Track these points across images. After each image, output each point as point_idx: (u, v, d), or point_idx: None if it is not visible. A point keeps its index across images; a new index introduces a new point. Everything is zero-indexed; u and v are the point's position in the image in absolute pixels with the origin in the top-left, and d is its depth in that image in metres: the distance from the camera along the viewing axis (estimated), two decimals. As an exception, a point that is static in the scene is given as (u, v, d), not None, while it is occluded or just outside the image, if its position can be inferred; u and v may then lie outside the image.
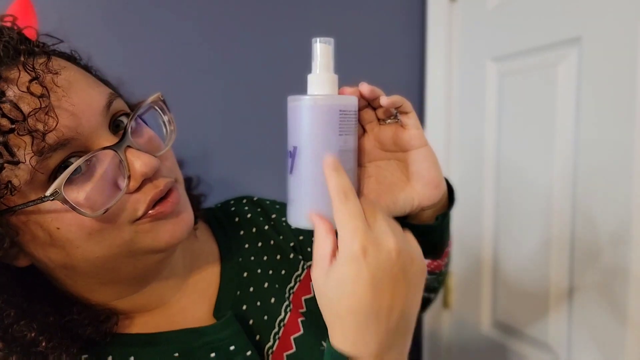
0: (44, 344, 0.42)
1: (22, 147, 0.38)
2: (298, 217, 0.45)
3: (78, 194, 0.40)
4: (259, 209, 0.64)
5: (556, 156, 0.94)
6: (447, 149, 1.25)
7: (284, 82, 1.11)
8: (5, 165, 0.37)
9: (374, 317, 0.37)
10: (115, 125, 0.45)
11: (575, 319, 0.92)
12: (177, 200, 0.46)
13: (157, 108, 0.48)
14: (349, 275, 0.37)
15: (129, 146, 0.42)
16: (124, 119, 0.46)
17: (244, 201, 0.65)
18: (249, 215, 0.63)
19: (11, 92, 0.38)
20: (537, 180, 0.99)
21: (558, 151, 0.94)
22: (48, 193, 0.39)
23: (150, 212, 0.43)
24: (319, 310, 0.59)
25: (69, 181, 0.39)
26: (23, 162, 0.38)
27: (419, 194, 0.47)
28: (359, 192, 0.47)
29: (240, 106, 1.09)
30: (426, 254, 0.55)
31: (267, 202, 0.65)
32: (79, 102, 0.41)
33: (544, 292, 0.98)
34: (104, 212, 0.40)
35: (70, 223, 0.40)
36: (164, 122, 0.49)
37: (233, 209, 0.64)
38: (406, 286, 0.39)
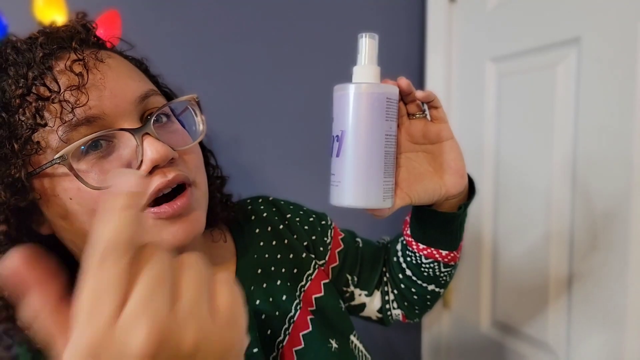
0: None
1: (53, 115, 0.42)
2: (343, 197, 0.47)
3: (90, 167, 0.43)
4: (274, 209, 0.65)
5: (555, 156, 0.95)
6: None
7: (289, 82, 1.12)
8: (36, 127, 0.42)
9: None
10: (147, 119, 0.46)
11: (575, 318, 0.92)
12: (185, 205, 0.45)
13: (191, 108, 0.51)
14: None
15: (147, 133, 0.44)
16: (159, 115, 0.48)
17: (260, 200, 0.67)
18: (264, 215, 0.64)
19: (57, 69, 0.43)
20: (536, 180, 0.99)
21: (557, 151, 0.94)
22: (56, 156, 0.41)
23: (154, 209, 0.44)
24: (328, 309, 0.61)
25: (86, 154, 0.43)
26: (50, 127, 0.42)
27: (446, 183, 0.52)
28: (395, 179, 0.51)
29: (259, 107, 1.10)
30: (445, 245, 0.59)
31: (282, 202, 0.67)
32: (113, 87, 0.44)
33: (543, 292, 0.98)
34: (107, 188, 0.41)
35: (81, 196, 0.42)
36: (195, 122, 0.51)
37: (250, 207, 0.65)
38: None
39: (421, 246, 0.60)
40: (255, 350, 0.51)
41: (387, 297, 0.69)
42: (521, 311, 1.05)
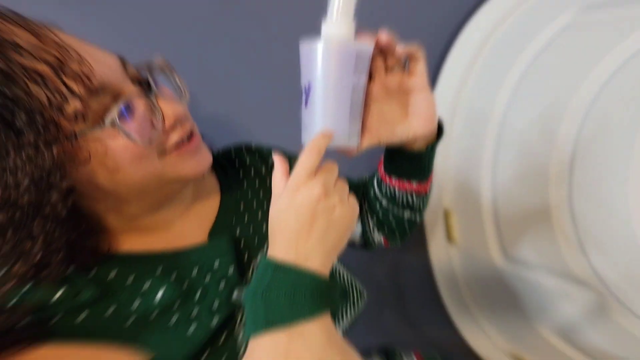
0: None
1: (74, 86, 0.43)
2: (310, 138, 0.51)
3: (126, 126, 0.46)
4: (257, 155, 0.71)
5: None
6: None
7: (278, 35, 1.09)
8: (68, 96, 0.42)
9: (296, 234, 0.46)
10: (143, 83, 0.51)
11: (584, 238, 0.91)
12: (199, 142, 0.54)
13: (165, 70, 0.54)
14: (283, 203, 0.47)
15: (156, 95, 0.49)
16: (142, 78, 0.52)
17: (243, 148, 0.72)
18: (247, 161, 0.70)
19: (41, 46, 0.42)
20: (540, 112, 0.97)
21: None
22: (107, 121, 0.45)
23: (176, 151, 0.51)
24: None
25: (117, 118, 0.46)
26: (78, 94, 0.43)
27: (413, 127, 0.55)
28: (363, 127, 0.55)
29: (238, 57, 1.08)
30: (415, 178, 0.64)
31: (264, 148, 0.72)
32: (98, 56, 0.46)
33: (546, 220, 0.97)
34: (149, 142, 0.47)
35: (117, 151, 0.46)
36: (174, 81, 0.54)
37: (233, 154, 0.71)
38: (326, 221, 0.47)
39: (393, 179, 0.64)
40: (231, 271, 0.55)
41: (367, 224, 0.74)
42: (529, 243, 1.05)
